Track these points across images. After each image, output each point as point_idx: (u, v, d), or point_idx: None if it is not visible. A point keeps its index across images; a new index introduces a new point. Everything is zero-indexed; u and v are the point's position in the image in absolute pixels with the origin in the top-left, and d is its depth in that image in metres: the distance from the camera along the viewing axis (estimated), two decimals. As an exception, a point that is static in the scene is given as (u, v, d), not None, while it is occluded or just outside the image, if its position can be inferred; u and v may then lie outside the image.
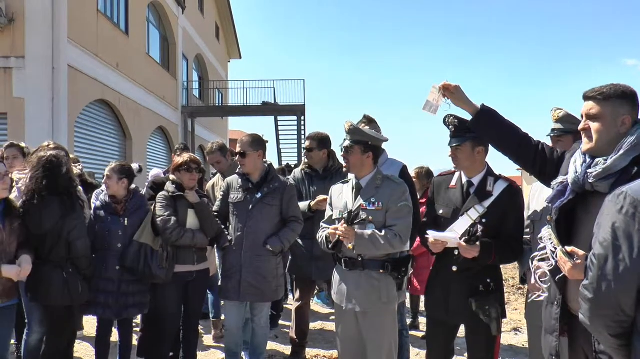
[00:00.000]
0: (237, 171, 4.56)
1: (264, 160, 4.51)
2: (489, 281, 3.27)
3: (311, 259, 4.70)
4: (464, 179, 3.42)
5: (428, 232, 3.25)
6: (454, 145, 3.33)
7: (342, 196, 3.58)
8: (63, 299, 3.85)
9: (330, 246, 3.49)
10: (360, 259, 3.41)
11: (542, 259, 2.40)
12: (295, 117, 23.01)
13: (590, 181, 2.30)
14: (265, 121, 65.46)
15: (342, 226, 3.29)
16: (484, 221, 3.23)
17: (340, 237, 3.34)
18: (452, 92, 3.05)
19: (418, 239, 3.72)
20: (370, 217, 3.39)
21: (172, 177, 4.49)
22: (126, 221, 4.23)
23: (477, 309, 3.20)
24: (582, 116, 2.42)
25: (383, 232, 3.34)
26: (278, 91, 23.62)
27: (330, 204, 3.70)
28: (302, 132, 22.50)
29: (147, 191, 4.91)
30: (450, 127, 3.33)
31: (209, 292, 5.86)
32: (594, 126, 2.33)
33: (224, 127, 32.08)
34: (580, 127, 2.42)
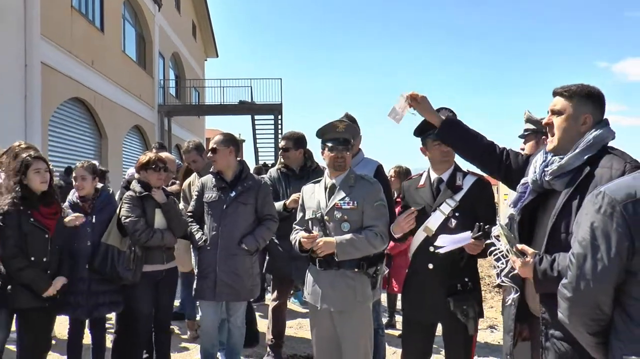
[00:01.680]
0: (211, 170, 4.53)
1: (238, 158, 4.50)
2: (466, 280, 3.28)
3: (290, 259, 4.67)
4: (433, 177, 3.45)
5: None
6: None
7: (314, 196, 3.56)
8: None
9: (301, 250, 3.52)
10: (335, 258, 3.38)
11: (498, 259, 2.45)
12: (272, 116, 22.96)
13: (546, 178, 2.39)
14: (242, 120, 65.22)
15: (319, 240, 3.33)
16: (456, 214, 3.25)
17: (320, 252, 3.35)
18: (418, 102, 3.08)
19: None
20: (345, 217, 3.40)
21: (137, 176, 4.43)
22: (94, 219, 4.20)
23: (454, 308, 3.19)
24: (548, 112, 2.50)
25: (362, 233, 3.34)
26: (255, 89, 23.59)
27: (302, 205, 3.68)
28: (279, 131, 22.49)
29: (121, 190, 4.85)
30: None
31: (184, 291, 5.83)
32: (557, 120, 2.42)
33: (201, 126, 31.88)
34: (545, 121, 2.50)
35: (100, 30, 16.55)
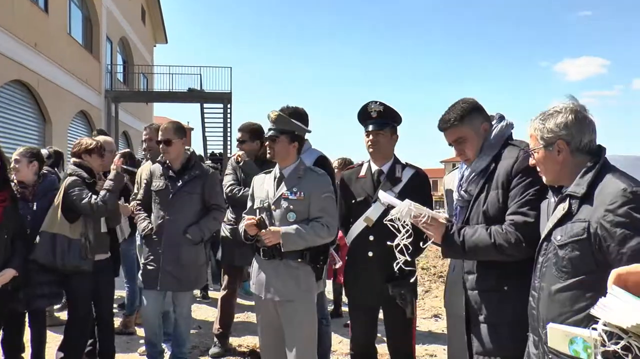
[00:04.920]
0: (159, 158, 4.49)
1: (187, 147, 4.47)
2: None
3: (235, 245, 4.72)
4: (374, 169, 3.56)
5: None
6: (377, 130, 3.45)
7: (263, 186, 3.56)
8: None
9: (246, 239, 3.49)
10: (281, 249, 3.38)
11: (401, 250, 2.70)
12: (221, 105, 22.86)
13: (462, 190, 2.63)
14: (191, 108, 64.25)
15: (266, 230, 3.32)
16: None
17: (266, 241, 3.33)
18: (433, 227, 2.64)
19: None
20: (291, 207, 3.41)
21: (74, 159, 4.28)
22: (35, 206, 4.06)
23: (393, 293, 3.34)
24: (450, 145, 2.71)
25: (309, 224, 3.36)
26: (204, 77, 23.57)
27: (252, 194, 3.67)
28: (228, 120, 22.50)
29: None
30: (373, 113, 3.45)
31: (127, 285, 5.75)
32: (466, 147, 2.64)
33: (149, 113, 31.32)
34: (456, 155, 2.71)
35: (44, 11, 15.96)
